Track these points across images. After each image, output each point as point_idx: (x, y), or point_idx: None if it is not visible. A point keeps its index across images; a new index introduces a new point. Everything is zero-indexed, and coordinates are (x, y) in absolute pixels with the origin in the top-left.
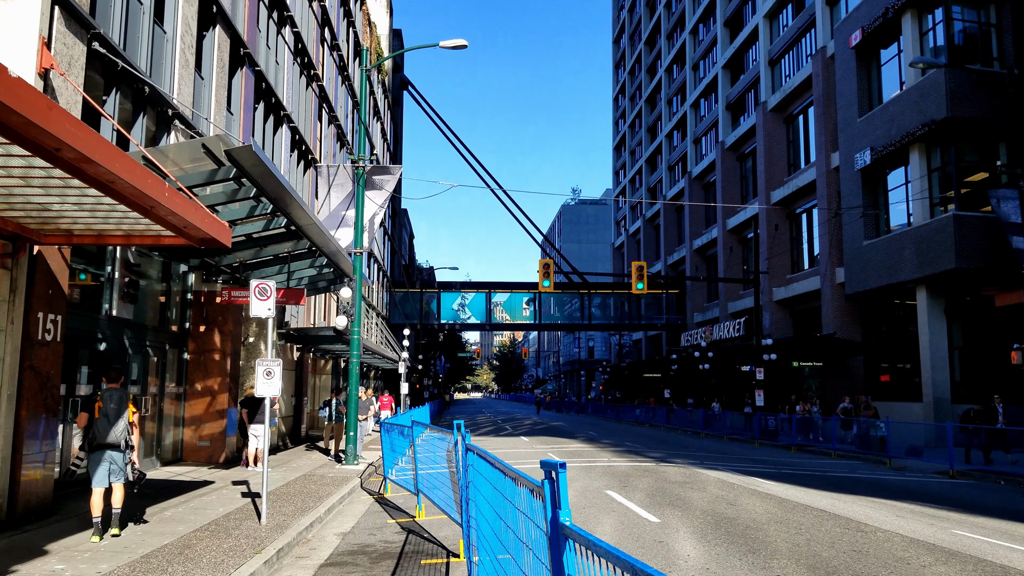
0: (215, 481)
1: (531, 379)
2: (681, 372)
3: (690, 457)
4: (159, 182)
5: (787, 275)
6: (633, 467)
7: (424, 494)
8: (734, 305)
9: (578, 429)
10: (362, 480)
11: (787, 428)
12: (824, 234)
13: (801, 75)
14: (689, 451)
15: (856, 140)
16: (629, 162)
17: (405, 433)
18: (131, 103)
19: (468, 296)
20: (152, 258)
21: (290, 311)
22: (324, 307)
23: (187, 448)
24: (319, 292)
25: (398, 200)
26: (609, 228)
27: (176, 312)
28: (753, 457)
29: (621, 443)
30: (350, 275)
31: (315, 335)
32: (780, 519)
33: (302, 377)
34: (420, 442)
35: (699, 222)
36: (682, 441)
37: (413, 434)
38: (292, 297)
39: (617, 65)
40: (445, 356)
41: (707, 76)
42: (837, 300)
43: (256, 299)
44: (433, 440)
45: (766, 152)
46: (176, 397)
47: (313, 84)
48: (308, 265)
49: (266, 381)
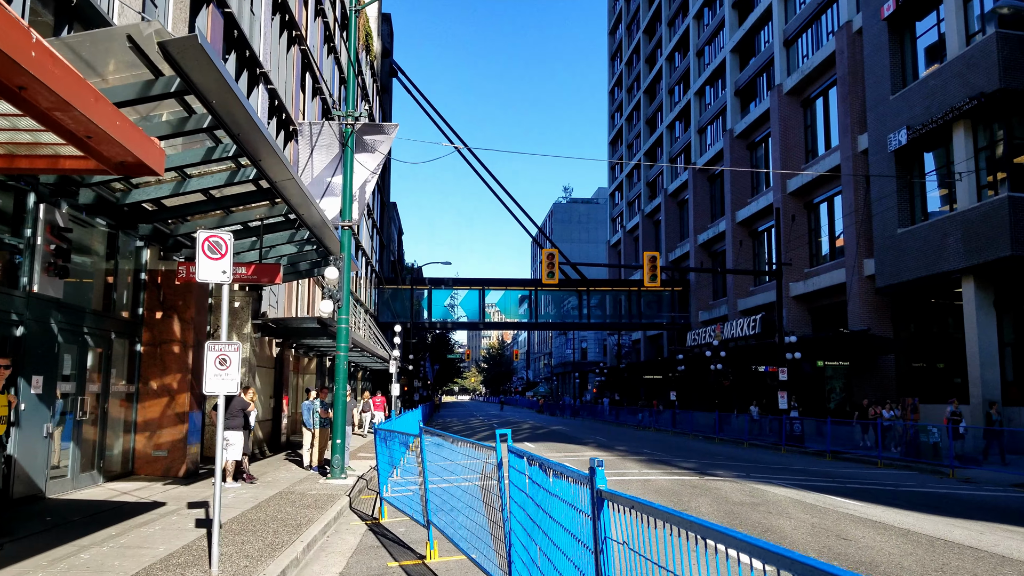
0: (167, 502)
1: (521, 382)
2: (688, 373)
3: (729, 468)
4: (46, 52)
5: (805, 269)
6: (675, 481)
7: (438, 527)
8: (744, 302)
9: (583, 434)
10: (351, 499)
11: (814, 432)
12: (851, 224)
13: (821, 54)
14: (718, 459)
15: (888, 119)
16: (626, 156)
17: (410, 444)
18: (53, 14)
19: (460, 294)
20: (94, 228)
21: (268, 299)
22: (308, 297)
23: (140, 459)
24: (301, 276)
25: (387, 187)
26: (602, 227)
27: (127, 295)
28: (796, 467)
29: (639, 450)
30: (337, 253)
31: (297, 327)
32: (930, 563)
33: (282, 376)
34: (431, 456)
35: (704, 216)
36: (702, 448)
37: (423, 449)
38: (266, 274)
39: (613, 56)
40: (433, 358)
41: (713, 62)
42: (865, 294)
43: (205, 257)
44: (447, 451)
45: (781, 138)
46: (126, 397)
47: (296, 46)
48: (287, 240)
49: (219, 372)
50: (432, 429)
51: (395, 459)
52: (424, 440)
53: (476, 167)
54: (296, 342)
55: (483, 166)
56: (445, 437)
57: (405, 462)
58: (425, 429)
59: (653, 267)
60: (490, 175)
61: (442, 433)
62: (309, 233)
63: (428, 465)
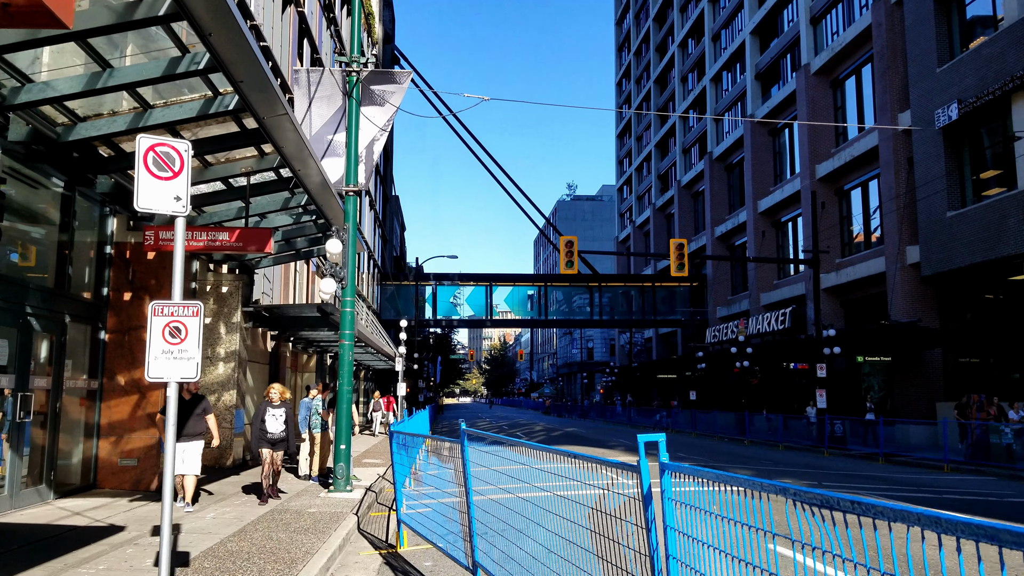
0: (128, 526)
1: (524, 383)
2: (709, 372)
3: (792, 475)
4: None
5: (836, 260)
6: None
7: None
8: (768, 296)
9: (602, 436)
10: (360, 518)
11: (856, 433)
12: (891, 209)
13: (854, 30)
14: (766, 464)
15: (935, 95)
16: (635, 148)
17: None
18: None
19: (465, 290)
20: (45, 187)
21: (262, 287)
22: (308, 286)
23: (104, 470)
24: (298, 257)
25: (389, 179)
26: (607, 224)
27: (88, 272)
28: (862, 472)
29: (671, 454)
30: (340, 223)
31: (294, 316)
32: None
33: (278, 373)
34: (482, 472)
35: (721, 207)
36: (736, 451)
37: (466, 462)
38: (253, 241)
39: (620, 47)
40: (437, 359)
41: (731, 45)
42: (908, 284)
43: (148, 175)
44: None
45: (810, 120)
46: (87, 395)
47: (292, 7)
48: (280, 207)
49: (169, 348)
50: (481, 432)
51: (422, 475)
52: (468, 450)
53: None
54: (293, 335)
55: (489, 156)
56: (518, 447)
57: (419, 469)
58: (471, 432)
59: (680, 255)
60: (496, 165)
61: (510, 440)
62: (307, 198)
63: (472, 481)
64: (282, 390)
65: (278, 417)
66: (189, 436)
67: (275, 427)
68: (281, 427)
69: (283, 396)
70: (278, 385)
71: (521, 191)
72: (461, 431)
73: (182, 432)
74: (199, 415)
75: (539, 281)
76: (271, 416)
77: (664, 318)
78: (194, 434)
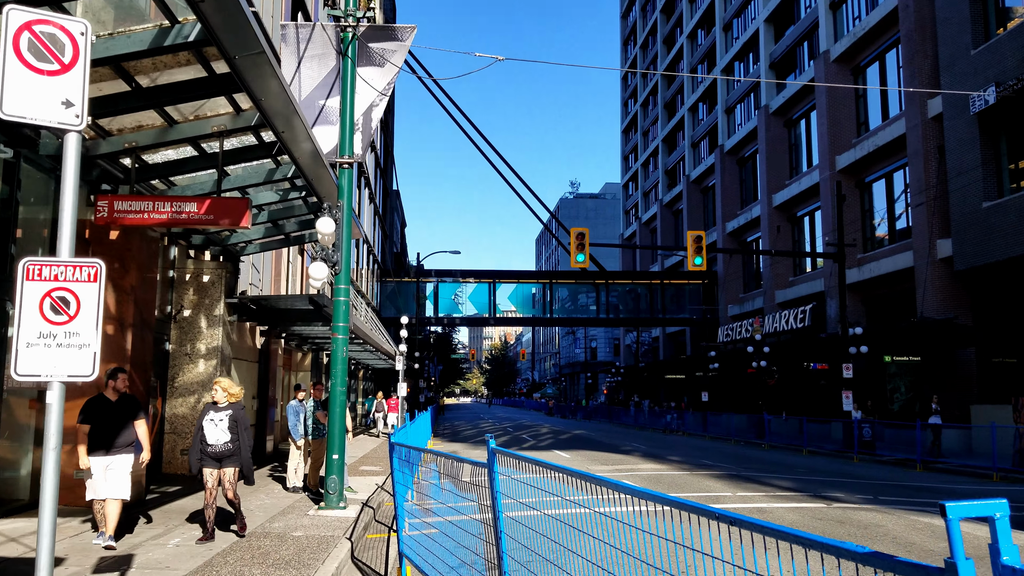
0: (68, 558)
1: (525, 383)
2: (722, 372)
3: (837, 486)
4: None
5: (858, 255)
6: (799, 512)
7: None
8: (784, 294)
9: (614, 439)
10: (354, 543)
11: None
12: (920, 201)
13: (877, 14)
14: (798, 472)
15: (969, 78)
16: (642, 144)
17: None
18: None
19: (468, 288)
20: None
21: (250, 276)
22: (302, 277)
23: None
24: (287, 243)
25: (390, 173)
26: (611, 222)
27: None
28: (909, 483)
29: (696, 460)
30: (333, 200)
31: (283, 308)
32: None
33: (268, 372)
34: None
35: (733, 202)
36: (759, 456)
37: (496, 493)
38: (226, 213)
39: (626, 41)
40: (437, 359)
41: (743, 35)
42: (939, 279)
43: (20, 64)
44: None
45: (829, 111)
46: (38, 396)
47: None
48: (264, 181)
49: (51, 332)
50: (514, 452)
51: (427, 487)
52: (499, 480)
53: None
54: (285, 330)
55: (492, 148)
56: (574, 478)
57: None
58: (500, 452)
59: (698, 247)
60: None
61: (563, 468)
62: (294, 169)
63: (505, 523)
64: (229, 388)
65: (220, 424)
66: (118, 448)
67: (217, 437)
68: (226, 437)
69: (231, 396)
70: (225, 380)
71: (525, 184)
72: (489, 452)
73: (107, 443)
74: (130, 421)
75: (544, 278)
76: (211, 423)
77: (673, 316)
78: (123, 446)
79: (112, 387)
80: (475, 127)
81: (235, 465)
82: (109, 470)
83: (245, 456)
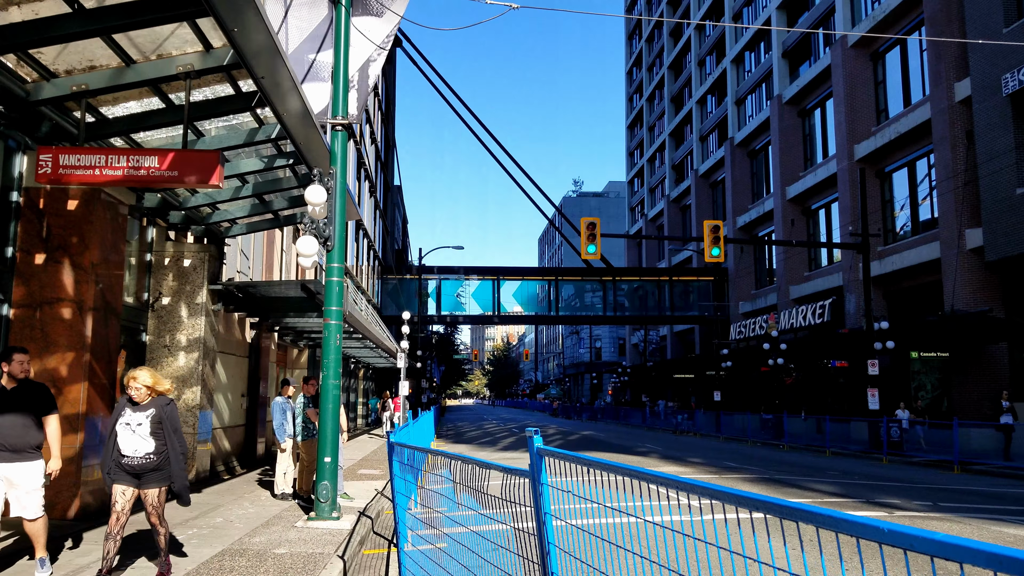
0: None
1: (529, 384)
2: (735, 370)
3: (884, 491)
4: None
5: (879, 247)
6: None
7: None
8: (798, 289)
9: (626, 441)
10: (348, 563)
11: (915, 439)
12: (947, 190)
13: None
14: (831, 475)
15: (1000, 59)
16: (647, 139)
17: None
18: None
19: (471, 285)
20: None
21: (238, 262)
22: (297, 265)
23: None
24: (276, 224)
25: (391, 167)
26: (614, 221)
27: None
28: (956, 487)
29: (719, 463)
30: (325, 166)
31: (273, 296)
32: None
33: (259, 368)
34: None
35: (744, 196)
36: (781, 458)
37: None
38: (192, 168)
39: (631, 35)
40: (439, 359)
41: (755, 23)
42: (969, 271)
43: None
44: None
45: (847, 100)
46: None
47: None
48: (244, 143)
49: None
50: (580, 457)
51: (430, 493)
52: (547, 493)
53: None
54: (278, 323)
55: (497, 142)
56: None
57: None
58: (550, 453)
59: (716, 237)
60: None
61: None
62: (279, 129)
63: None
64: (152, 379)
65: (139, 428)
66: (17, 454)
67: (135, 446)
68: (147, 445)
69: (155, 390)
70: (144, 371)
71: (528, 176)
72: (533, 454)
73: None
74: (32, 417)
75: (549, 275)
76: (126, 428)
77: (682, 314)
78: (24, 451)
79: (6, 372)
80: (478, 119)
81: (160, 484)
82: (14, 481)
83: (176, 470)
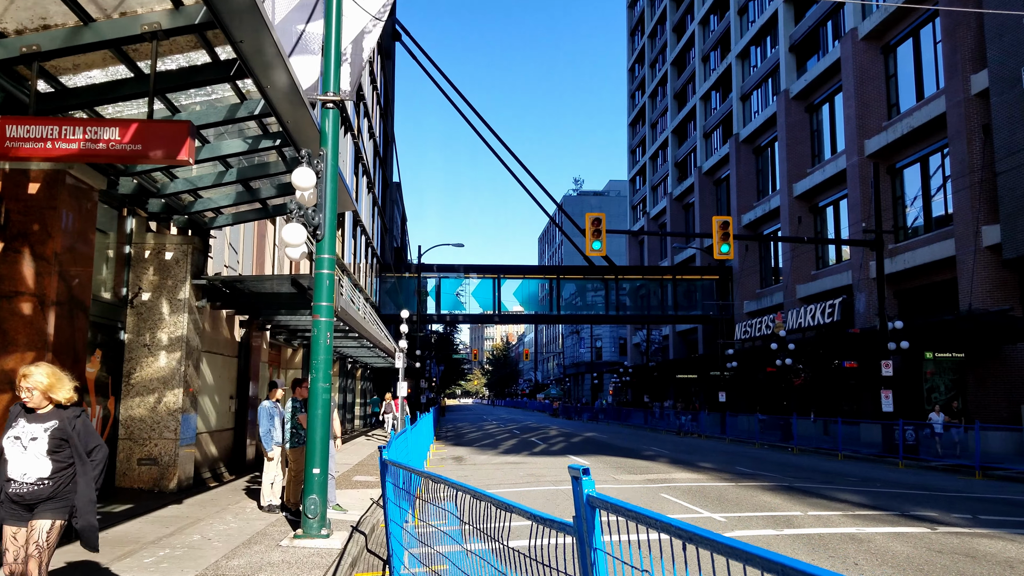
0: None
1: (528, 384)
2: (740, 371)
3: (914, 500)
4: None
5: (890, 245)
6: (902, 537)
7: None
8: (805, 288)
9: (630, 443)
10: None
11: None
12: (963, 186)
13: None
14: (851, 482)
15: (1019, 49)
16: (650, 136)
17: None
18: None
19: (471, 284)
20: None
21: (226, 256)
22: (290, 260)
23: None
24: (263, 215)
25: (390, 163)
26: (614, 219)
27: None
28: (988, 495)
29: (731, 468)
30: (314, 147)
31: (261, 292)
32: None
33: (250, 368)
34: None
35: (749, 193)
36: (796, 462)
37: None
38: (157, 142)
39: (633, 31)
40: (437, 359)
41: (760, 18)
42: (986, 269)
43: None
44: None
45: (857, 93)
46: None
47: None
48: (224, 119)
49: None
50: (650, 516)
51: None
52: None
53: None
54: (269, 321)
55: (498, 139)
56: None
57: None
58: (607, 505)
59: (724, 233)
60: (504, 147)
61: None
62: (263, 105)
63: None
64: (50, 379)
65: (32, 445)
66: None
67: (24, 468)
68: (42, 467)
69: (51, 395)
70: (42, 368)
71: (529, 172)
72: (581, 503)
73: None
74: None
75: (551, 273)
76: (15, 442)
77: (685, 314)
78: None
79: None
80: (478, 114)
81: (55, 516)
82: None
83: (82, 502)
